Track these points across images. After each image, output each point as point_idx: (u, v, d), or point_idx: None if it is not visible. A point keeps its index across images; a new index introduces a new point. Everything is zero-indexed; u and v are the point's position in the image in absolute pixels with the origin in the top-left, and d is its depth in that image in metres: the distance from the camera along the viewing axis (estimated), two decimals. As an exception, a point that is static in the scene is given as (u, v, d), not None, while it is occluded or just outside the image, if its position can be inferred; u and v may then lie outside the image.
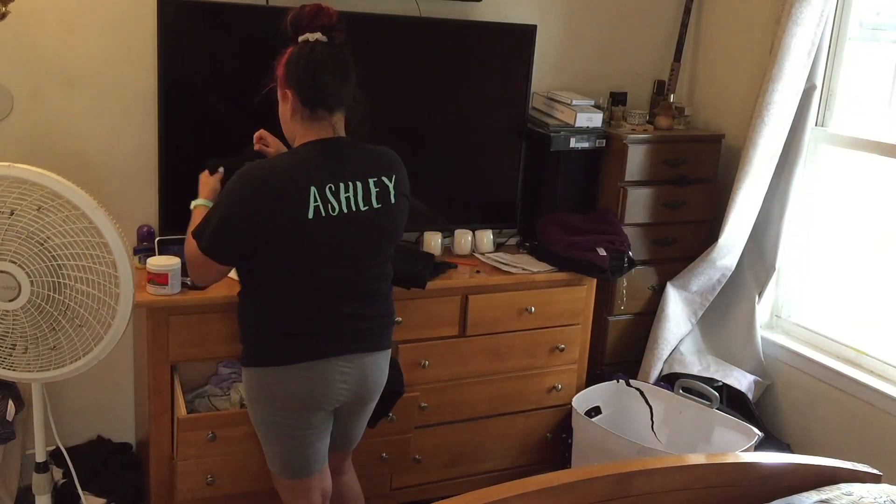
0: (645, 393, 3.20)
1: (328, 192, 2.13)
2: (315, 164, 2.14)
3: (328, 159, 2.16)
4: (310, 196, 2.10)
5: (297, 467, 2.31)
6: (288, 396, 2.21)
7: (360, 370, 2.28)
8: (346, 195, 2.15)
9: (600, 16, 3.51)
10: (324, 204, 2.12)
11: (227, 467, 2.60)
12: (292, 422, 2.25)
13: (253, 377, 2.26)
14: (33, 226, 2.02)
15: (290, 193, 2.09)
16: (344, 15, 2.21)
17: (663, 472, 1.91)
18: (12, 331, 2.09)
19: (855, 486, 1.93)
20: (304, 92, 2.15)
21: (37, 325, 2.09)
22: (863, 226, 3.23)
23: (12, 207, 2.00)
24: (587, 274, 3.10)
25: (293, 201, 2.09)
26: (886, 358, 3.06)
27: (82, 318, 2.12)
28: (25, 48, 2.69)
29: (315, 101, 2.15)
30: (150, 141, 2.84)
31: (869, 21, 3.22)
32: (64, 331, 2.12)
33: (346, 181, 2.16)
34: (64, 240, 2.05)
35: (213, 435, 2.54)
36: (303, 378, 2.20)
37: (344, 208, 2.15)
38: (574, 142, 3.23)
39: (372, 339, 2.30)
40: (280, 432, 2.27)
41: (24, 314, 2.07)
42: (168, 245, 2.75)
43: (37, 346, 2.12)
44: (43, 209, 2.02)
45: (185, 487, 2.59)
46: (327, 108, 2.17)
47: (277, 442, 2.29)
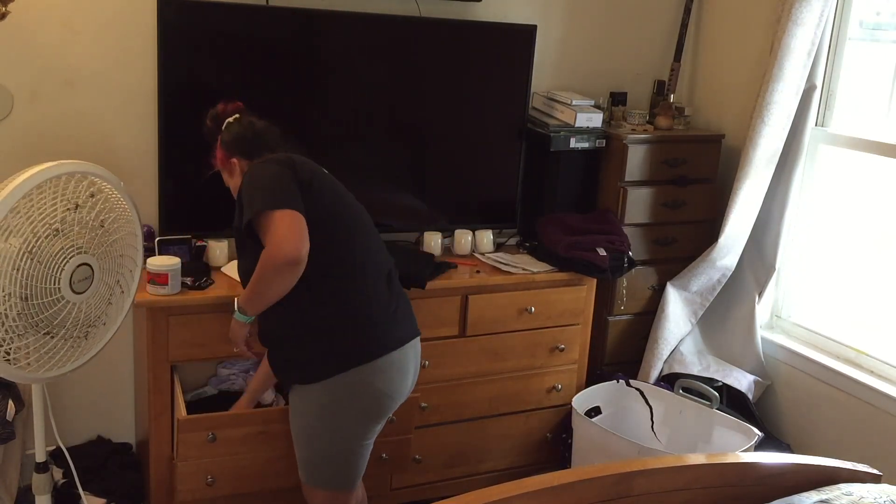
0: (645, 393, 3.20)
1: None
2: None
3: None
4: (322, 169, 2.31)
5: (347, 480, 2.29)
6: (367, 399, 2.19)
7: (418, 355, 2.33)
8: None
9: (600, 16, 3.52)
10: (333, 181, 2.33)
11: (226, 468, 2.59)
12: (363, 430, 2.24)
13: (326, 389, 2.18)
14: (93, 212, 2.11)
15: (311, 166, 2.27)
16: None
17: (663, 472, 1.91)
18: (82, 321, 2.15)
19: (855, 486, 1.93)
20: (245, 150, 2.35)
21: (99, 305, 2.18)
22: (863, 226, 3.23)
23: (76, 202, 2.06)
24: (587, 274, 3.10)
25: (317, 172, 2.27)
26: (886, 358, 3.06)
27: (126, 284, 2.26)
28: (25, 48, 2.69)
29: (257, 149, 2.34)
30: (151, 141, 2.84)
31: (869, 21, 3.22)
32: (116, 300, 2.24)
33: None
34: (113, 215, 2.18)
35: (213, 436, 2.53)
36: (387, 373, 2.20)
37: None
38: (574, 142, 3.23)
39: (415, 323, 2.35)
40: (347, 445, 2.23)
41: (93, 298, 2.14)
42: (168, 245, 2.75)
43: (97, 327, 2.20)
44: (95, 195, 2.12)
45: (184, 488, 2.58)
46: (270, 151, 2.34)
47: (339, 455, 2.25)
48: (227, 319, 2.57)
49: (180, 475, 2.55)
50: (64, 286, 2.03)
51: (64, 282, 2.03)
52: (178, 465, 2.55)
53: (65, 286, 2.04)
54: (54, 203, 2.01)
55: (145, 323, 2.57)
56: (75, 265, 2.05)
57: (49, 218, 1.99)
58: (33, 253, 1.96)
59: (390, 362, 2.20)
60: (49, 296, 2.01)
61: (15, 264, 1.93)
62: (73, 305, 2.08)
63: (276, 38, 2.88)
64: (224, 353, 2.64)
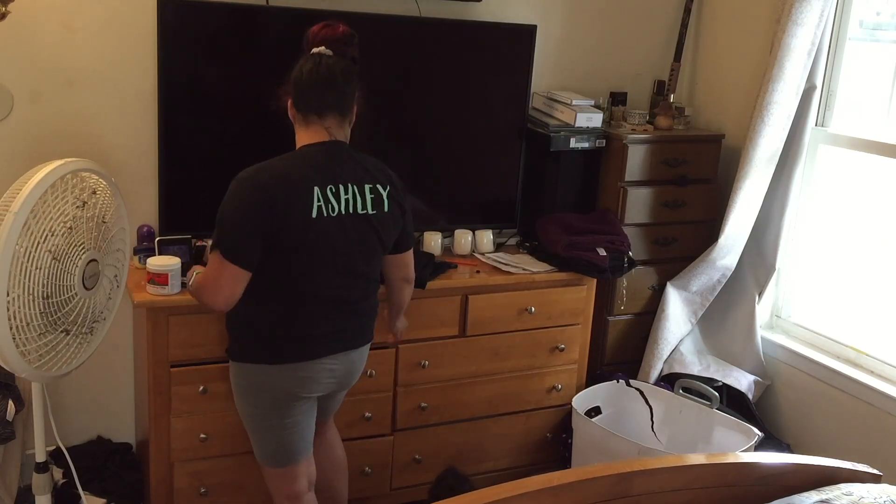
0: (645, 393, 3.20)
1: (329, 192, 2.20)
2: (315, 165, 2.22)
3: (327, 161, 2.24)
4: (314, 195, 2.17)
5: (283, 456, 2.37)
6: (275, 391, 2.30)
7: (347, 365, 2.38)
8: (345, 197, 2.23)
9: (600, 16, 3.51)
10: (325, 203, 2.19)
11: (219, 425, 2.67)
12: (278, 412, 2.32)
13: (240, 371, 2.34)
14: (95, 209, 2.13)
15: (296, 192, 2.16)
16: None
17: (663, 472, 1.91)
18: (93, 313, 2.17)
19: (855, 486, 1.93)
20: (296, 98, 2.27)
21: (101, 300, 2.19)
22: (863, 226, 3.23)
23: (83, 200, 2.09)
24: (587, 274, 3.10)
25: (300, 200, 2.16)
26: (886, 358, 3.06)
27: (120, 277, 2.28)
28: (25, 48, 2.69)
29: (304, 106, 2.26)
30: (150, 141, 2.84)
31: (869, 21, 3.22)
32: (114, 294, 2.26)
33: (346, 183, 2.24)
34: (111, 210, 2.19)
35: (204, 389, 2.61)
36: (291, 376, 2.29)
37: (342, 210, 2.22)
38: (574, 142, 3.23)
39: (356, 337, 2.39)
40: (267, 423, 2.34)
41: (98, 293, 2.16)
42: (168, 245, 2.74)
43: (99, 322, 2.22)
44: (97, 192, 2.14)
45: (179, 446, 2.65)
46: (315, 113, 2.25)
47: (264, 433, 2.36)
48: (227, 319, 2.59)
49: (175, 432, 2.62)
50: (77, 283, 2.08)
51: (77, 278, 2.08)
52: (173, 421, 2.62)
53: (78, 283, 2.08)
54: (66, 201, 2.04)
55: (145, 323, 2.57)
56: (86, 262, 2.10)
57: (63, 216, 2.02)
58: (53, 251, 1.99)
59: (294, 369, 2.28)
60: (66, 293, 2.06)
61: (37, 263, 1.96)
62: (83, 301, 2.13)
63: (276, 38, 2.88)
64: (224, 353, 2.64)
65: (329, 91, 2.24)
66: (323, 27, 2.30)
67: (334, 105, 2.26)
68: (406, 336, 2.80)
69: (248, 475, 2.75)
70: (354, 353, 2.39)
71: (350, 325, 2.36)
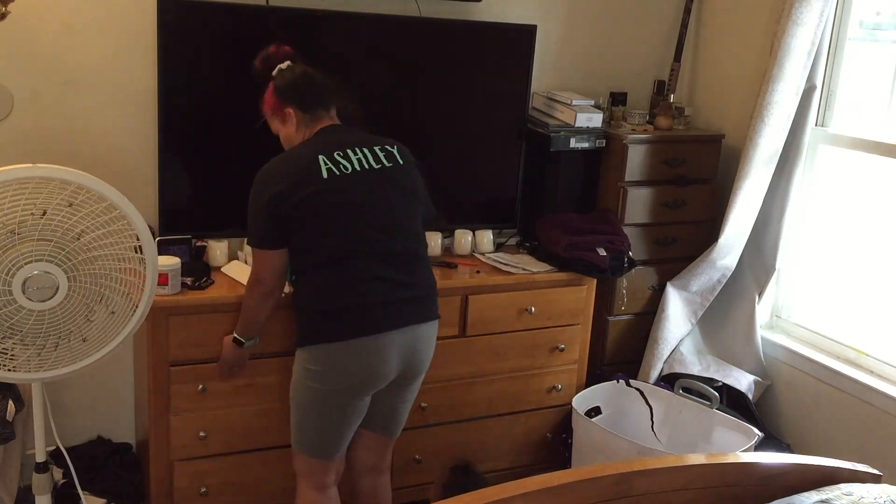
0: (645, 393, 3.20)
1: (337, 156, 2.33)
2: (320, 142, 2.38)
3: (331, 136, 2.41)
4: (319, 162, 2.30)
5: (327, 449, 2.40)
6: (344, 374, 2.31)
7: (413, 343, 2.38)
8: (356, 157, 2.35)
9: (600, 16, 3.51)
10: (335, 165, 2.31)
11: (218, 422, 2.67)
12: (339, 402, 2.34)
13: (307, 356, 2.35)
14: (67, 222, 2.05)
15: (298, 167, 2.31)
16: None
17: (663, 472, 1.91)
18: (46, 330, 2.11)
19: (855, 486, 1.93)
20: (302, 101, 2.42)
21: (73, 320, 2.13)
22: (863, 226, 3.23)
23: (44, 207, 2.02)
24: (587, 274, 3.10)
25: (303, 171, 2.29)
26: (886, 358, 3.06)
27: (115, 304, 2.19)
28: (25, 48, 2.69)
29: (313, 104, 2.43)
30: (150, 141, 2.84)
31: (869, 21, 3.22)
32: (98, 319, 2.18)
33: (353, 147, 2.37)
34: (99, 231, 2.10)
35: (203, 387, 2.61)
36: (360, 355, 2.30)
37: (357, 167, 2.34)
38: (574, 142, 3.23)
39: (422, 309, 2.41)
40: (323, 413, 2.36)
41: (60, 310, 2.10)
42: (168, 245, 2.75)
43: (69, 340, 2.16)
44: (74, 205, 2.06)
45: (178, 444, 2.65)
46: (324, 108, 2.45)
47: (316, 422, 2.37)
48: (228, 319, 2.59)
49: (174, 429, 2.63)
50: (16, 290, 2.02)
51: (16, 285, 2.02)
52: (172, 420, 2.62)
53: (17, 290, 2.02)
54: (14, 205, 1.98)
55: (145, 323, 2.57)
56: (32, 271, 2.02)
57: (5, 218, 1.97)
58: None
59: (358, 346, 2.30)
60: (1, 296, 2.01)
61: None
62: (30, 312, 2.06)
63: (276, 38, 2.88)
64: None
65: (326, 87, 2.46)
66: (279, 47, 2.51)
67: (335, 97, 2.47)
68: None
69: (249, 475, 2.75)
70: (420, 329, 2.38)
71: (406, 294, 2.36)
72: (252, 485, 2.76)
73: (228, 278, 2.78)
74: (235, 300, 2.63)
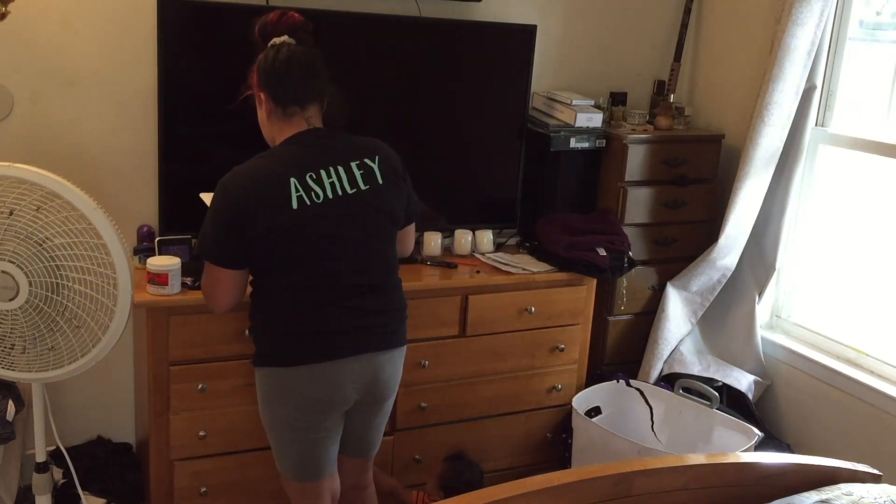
0: (645, 393, 3.20)
1: (309, 180, 2.14)
2: (293, 157, 2.16)
3: (307, 150, 2.19)
4: (290, 187, 2.12)
5: (308, 471, 2.31)
6: (300, 398, 2.21)
7: (372, 370, 2.27)
8: (329, 181, 2.16)
9: (600, 16, 3.51)
10: (307, 192, 2.13)
11: (217, 422, 2.67)
12: (305, 424, 2.24)
13: (264, 378, 2.26)
14: (32, 226, 2.02)
15: (269, 189, 2.11)
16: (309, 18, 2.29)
17: (663, 472, 1.91)
18: (11, 331, 2.09)
19: (855, 486, 1.93)
20: (274, 92, 2.19)
21: (35, 326, 2.09)
22: (863, 226, 3.23)
23: (11, 207, 1.99)
24: (587, 274, 3.10)
25: (274, 195, 2.11)
26: (886, 358, 3.06)
27: (80, 319, 2.11)
28: (25, 48, 2.69)
29: (286, 98, 2.19)
30: (150, 141, 2.84)
31: (869, 21, 3.22)
32: (62, 332, 2.12)
33: (328, 167, 2.17)
34: (63, 240, 2.04)
35: (203, 387, 2.61)
36: (314, 380, 2.20)
37: (329, 194, 2.16)
38: (574, 142, 3.23)
39: (383, 337, 2.29)
40: (293, 435, 2.26)
41: (22, 314, 2.06)
42: (168, 245, 2.75)
43: (35, 346, 2.11)
44: (42, 209, 2.02)
45: (178, 444, 2.64)
46: (298, 105, 2.20)
47: (290, 445, 2.29)
48: (227, 319, 2.59)
49: (174, 429, 2.62)
50: None
51: None
52: (172, 419, 2.61)
53: None
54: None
55: (145, 323, 2.57)
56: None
57: None
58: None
59: (311, 371, 2.20)
60: None
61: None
62: (4, 312, 2.03)
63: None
64: (224, 353, 2.65)
65: (311, 80, 2.20)
66: (281, 16, 2.22)
67: (317, 95, 2.22)
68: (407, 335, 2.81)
69: (249, 475, 2.75)
70: (380, 356, 2.27)
71: (367, 322, 2.24)
72: (252, 485, 2.76)
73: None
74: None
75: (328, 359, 2.20)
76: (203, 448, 2.68)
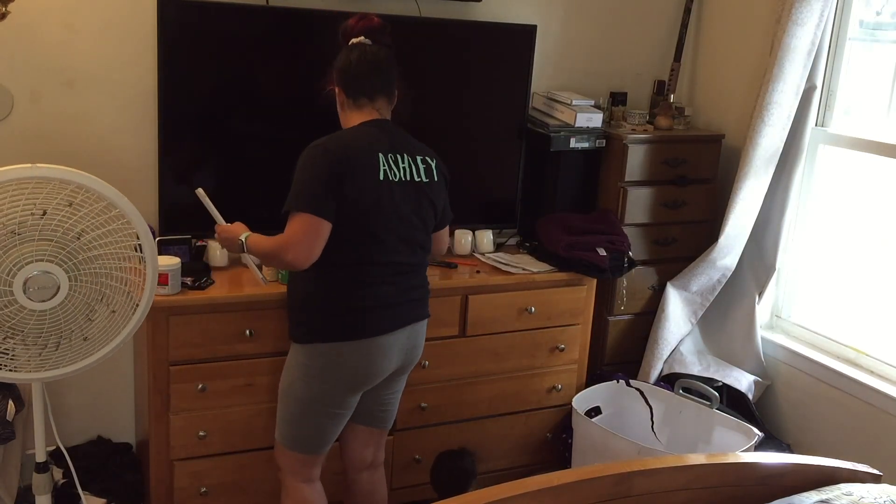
0: (645, 393, 3.20)
1: (390, 159, 2.35)
2: (377, 136, 2.37)
3: (382, 133, 2.39)
4: (379, 160, 2.32)
5: (315, 445, 2.42)
6: (351, 372, 2.34)
7: (413, 338, 2.46)
8: (403, 165, 2.38)
9: (600, 16, 3.52)
10: (389, 168, 2.34)
11: (217, 422, 2.67)
12: (341, 400, 2.37)
13: (314, 353, 2.35)
14: (67, 222, 2.06)
15: (363, 157, 2.30)
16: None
17: (663, 472, 1.91)
18: (46, 330, 2.11)
19: (855, 486, 1.93)
20: (345, 85, 2.41)
21: (74, 319, 2.13)
22: (863, 226, 3.23)
23: (44, 207, 2.02)
24: (587, 274, 3.10)
25: (367, 164, 2.30)
26: (886, 358, 3.06)
27: (116, 302, 2.19)
28: (25, 48, 2.69)
29: (355, 91, 2.40)
30: (150, 141, 2.84)
31: (869, 21, 3.21)
32: (99, 319, 2.18)
33: (402, 153, 2.39)
34: (99, 231, 2.10)
35: (203, 387, 2.62)
36: (367, 353, 2.33)
37: (404, 176, 2.37)
38: (574, 142, 3.23)
39: (421, 308, 2.48)
40: (323, 410, 2.37)
41: (61, 310, 2.10)
42: (168, 245, 2.75)
43: (70, 340, 2.16)
44: (74, 204, 2.07)
45: (178, 444, 2.65)
46: (367, 97, 2.41)
47: (309, 419, 2.38)
48: (227, 319, 2.59)
49: (174, 429, 2.63)
50: (17, 290, 2.02)
51: (17, 286, 2.02)
52: (172, 419, 2.62)
53: (18, 290, 2.02)
54: (14, 205, 1.98)
55: (145, 323, 2.57)
56: (33, 272, 2.03)
57: (6, 219, 1.97)
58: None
59: (369, 344, 2.34)
60: (2, 297, 2.01)
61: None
62: (31, 312, 2.06)
63: (276, 38, 2.88)
64: (224, 353, 2.65)
65: (378, 76, 2.41)
66: (359, 20, 2.44)
67: (383, 89, 2.43)
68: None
69: (248, 475, 2.75)
70: (417, 326, 2.46)
71: (411, 295, 2.42)
72: (252, 484, 2.76)
73: (228, 278, 2.77)
74: (235, 300, 2.64)
75: (384, 332, 2.35)
76: (203, 448, 2.68)
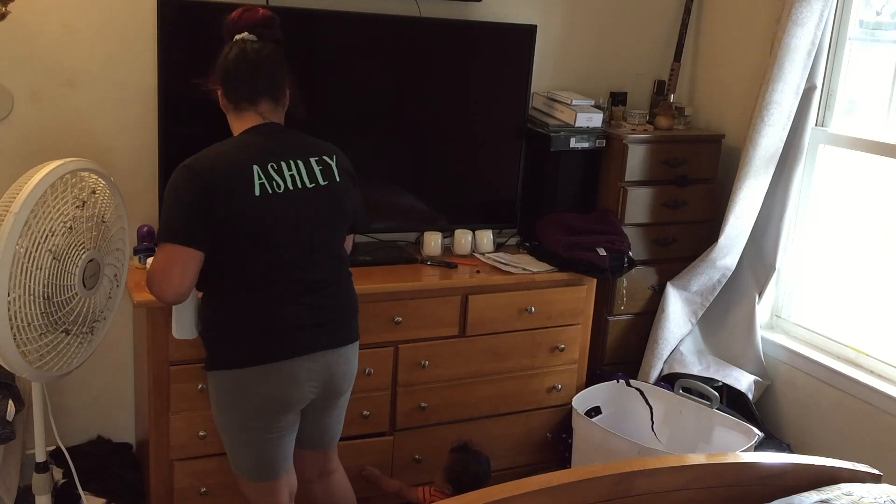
0: (645, 393, 3.20)
1: (271, 170, 2.15)
2: (255, 146, 2.17)
3: (266, 141, 2.19)
4: (253, 174, 2.12)
5: (266, 470, 2.30)
6: (257, 399, 2.20)
7: (327, 368, 2.27)
8: (289, 173, 2.17)
9: (600, 16, 3.51)
10: (268, 181, 2.14)
11: None
12: (262, 425, 2.23)
13: (219, 381, 2.24)
14: (94, 208, 2.12)
15: (233, 174, 2.11)
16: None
17: (663, 472, 1.91)
18: (90, 317, 2.16)
19: (855, 486, 1.93)
20: (225, 88, 2.23)
21: (103, 300, 2.19)
22: (863, 226, 3.23)
23: (82, 199, 2.08)
24: (587, 274, 3.10)
25: (238, 181, 2.11)
26: (886, 358, 3.06)
27: (120, 277, 2.27)
28: (25, 48, 2.69)
29: (236, 95, 2.22)
30: (151, 141, 2.84)
31: (869, 21, 3.21)
32: (114, 293, 2.24)
33: (288, 160, 2.18)
34: (110, 209, 2.18)
35: (202, 387, 2.59)
36: (270, 380, 2.19)
37: (290, 185, 2.17)
38: (574, 142, 3.24)
39: (336, 333, 2.28)
40: (249, 436, 2.25)
41: (98, 293, 2.16)
42: (168, 245, 2.74)
43: (101, 322, 2.22)
44: (96, 191, 2.13)
45: (177, 443, 2.64)
46: (248, 101, 2.21)
47: (246, 446, 2.28)
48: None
49: (174, 429, 2.62)
50: (78, 283, 2.07)
51: (77, 278, 2.06)
52: (172, 419, 2.61)
53: (78, 283, 2.07)
54: (65, 201, 2.03)
55: (145, 323, 2.57)
56: (86, 261, 2.08)
57: (63, 216, 2.02)
58: (53, 251, 1.99)
59: (268, 370, 2.19)
60: (66, 293, 2.04)
61: (38, 263, 1.95)
62: (84, 301, 2.11)
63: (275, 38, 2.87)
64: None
65: (259, 77, 2.20)
66: (243, 12, 2.23)
67: (265, 91, 2.22)
68: (406, 336, 2.80)
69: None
70: (332, 353, 2.27)
71: (322, 318, 2.24)
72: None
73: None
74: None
75: (284, 357, 2.19)
76: (203, 448, 2.68)
